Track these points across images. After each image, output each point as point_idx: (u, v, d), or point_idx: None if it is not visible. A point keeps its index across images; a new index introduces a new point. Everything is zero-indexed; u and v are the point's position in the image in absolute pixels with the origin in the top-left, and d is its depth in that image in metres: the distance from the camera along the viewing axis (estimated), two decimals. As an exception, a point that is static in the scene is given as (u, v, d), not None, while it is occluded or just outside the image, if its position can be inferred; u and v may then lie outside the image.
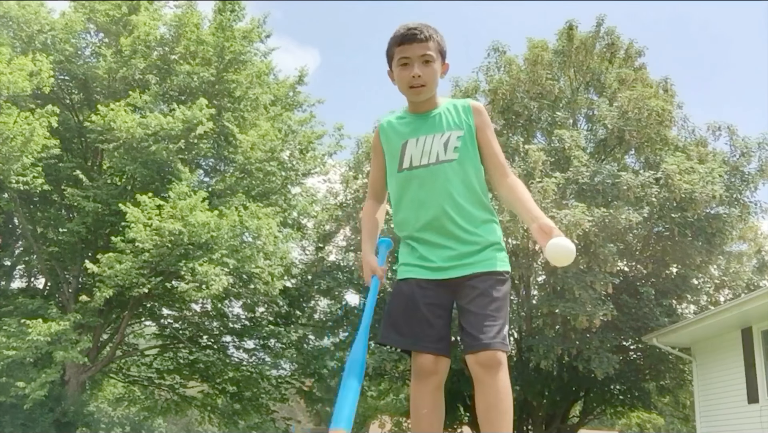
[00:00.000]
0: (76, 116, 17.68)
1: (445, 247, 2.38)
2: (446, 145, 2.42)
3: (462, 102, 2.54)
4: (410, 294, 2.38)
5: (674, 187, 14.37)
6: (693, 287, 16.23)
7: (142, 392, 21.63)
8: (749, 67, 59.53)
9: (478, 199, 2.44)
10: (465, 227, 2.37)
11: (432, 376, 2.36)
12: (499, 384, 2.26)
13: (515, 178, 2.51)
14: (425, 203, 2.40)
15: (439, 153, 2.41)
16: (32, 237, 17.36)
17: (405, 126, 2.49)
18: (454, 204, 2.38)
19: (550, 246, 2.18)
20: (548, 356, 14.64)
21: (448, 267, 2.37)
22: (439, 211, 2.38)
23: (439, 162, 2.40)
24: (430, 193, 2.39)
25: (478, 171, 2.46)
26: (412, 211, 2.44)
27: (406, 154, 2.44)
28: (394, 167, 2.48)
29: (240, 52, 16.98)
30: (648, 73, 17.65)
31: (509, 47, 17.87)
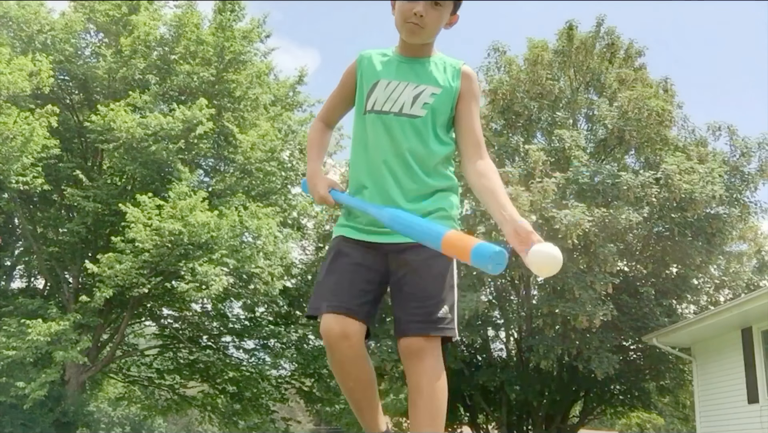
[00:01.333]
0: (76, 116, 17.68)
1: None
2: (416, 98, 2.10)
3: (454, 61, 2.19)
4: (335, 253, 2.11)
5: (674, 188, 14.38)
6: (693, 287, 16.23)
7: (142, 391, 21.64)
8: (749, 67, 59.53)
9: (435, 169, 2.12)
10: (409, 193, 2.07)
11: (342, 340, 1.98)
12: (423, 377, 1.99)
13: (490, 162, 2.19)
14: (374, 157, 2.11)
15: (405, 104, 2.09)
16: (32, 237, 17.36)
17: (384, 65, 2.17)
18: (404, 165, 2.07)
19: (534, 254, 1.84)
20: (548, 356, 14.64)
21: (376, 231, 2.07)
22: (385, 169, 2.08)
23: (401, 113, 2.09)
24: (381, 145, 2.09)
25: (444, 138, 2.15)
26: (361, 162, 2.15)
27: (372, 95, 2.13)
28: (361, 108, 2.16)
29: (240, 52, 16.98)
30: (648, 73, 17.66)
31: (509, 47, 17.90)
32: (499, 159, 16.33)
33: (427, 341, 1.99)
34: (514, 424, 18.24)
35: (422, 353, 1.99)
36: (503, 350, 18.97)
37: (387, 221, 1.99)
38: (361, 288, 2.04)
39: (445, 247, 1.84)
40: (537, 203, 13.84)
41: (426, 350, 1.99)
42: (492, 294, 17.25)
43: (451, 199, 2.15)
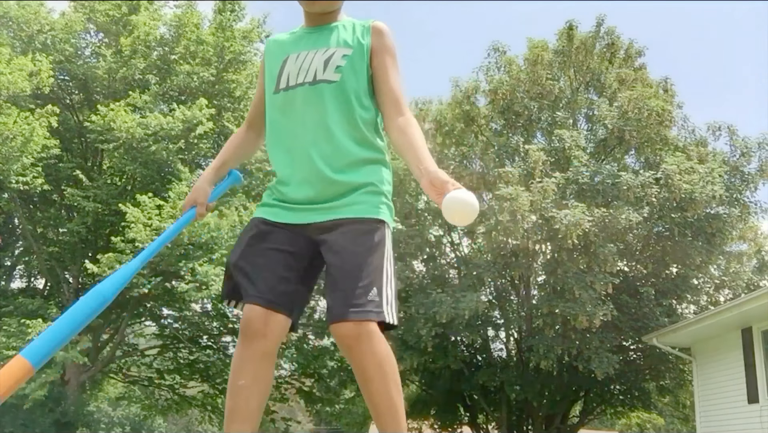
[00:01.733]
0: (76, 116, 17.69)
1: (306, 184, 1.93)
2: (327, 62, 1.96)
3: (363, 20, 2.07)
4: (254, 234, 1.96)
5: (674, 188, 14.38)
6: (693, 287, 16.23)
7: (142, 391, 21.64)
8: (749, 67, 59.54)
9: (360, 134, 1.96)
10: (334, 164, 1.92)
11: (259, 338, 1.85)
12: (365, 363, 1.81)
13: (411, 117, 2.00)
14: (293, 131, 1.96)
15: (318, 71, 1.96)
16: (32, 237, 17.36)
17: (291, 41, 2.06)
18: (326, 135, 1.93)
19: (448, 201, 1.75)
20: (548, 356, 14.64)
21: (303, 209, 1.93)
22: (306, 141, 1.93)
23: (316, 81, 1.95)
24: (300, 118, 1.95)
25: (364, 101, 1.99)
26: (279, 141, 2.01)
27: (284, 72, 1.99)
28: (272, 89, 2.02)
29: (240, 52, 17.00)
30: (648, 73, 17.67)
31: (509, 47, 17.90)
32: (499, 159, 16.35)
33: (357, 327, 1.79)
34: (514, 424, 18.24)
35: (354, 340, 1.80)
36: (503, 350, 18.98)
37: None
38: (286, 276, 1.89)
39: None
40: (537, 203, 13.84)
41: (360, 336, 1.79)
42: (492, 294, 17.26)
43: (381, 174, 1.99)
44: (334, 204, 1.91)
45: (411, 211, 17.04)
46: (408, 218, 17.18)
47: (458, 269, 17.37)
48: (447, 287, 15.49)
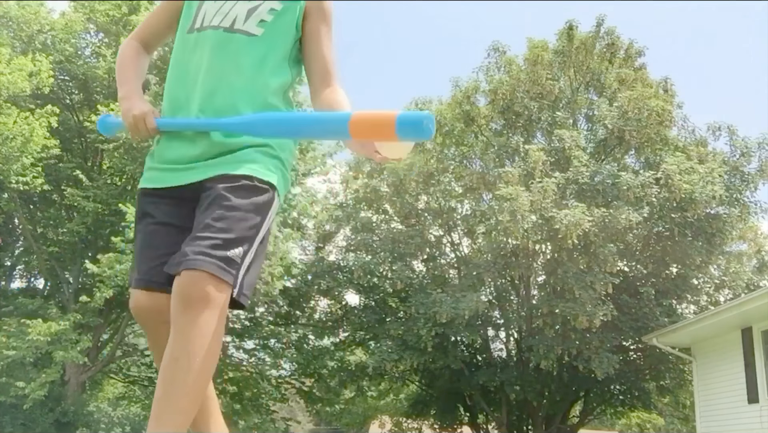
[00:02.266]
0: (76, 116, 17.70)
1: (192, 143, 1.70)
2: (250, 12, 1.76)
3: None
4: (140, 212, 1.76)
5: (674, 188, 14.38)
6: (693, 287, 16.23)
7: (142, 391, 21.64)
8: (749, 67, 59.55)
9: (263, 99, 1.73)
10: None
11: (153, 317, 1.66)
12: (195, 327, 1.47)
13: (339, 88, 1.82)
14: (192, 78, 1.74)
15: (237, 19, 1.75)
16: (32, 237, 17.37)
17: None
18: (228, 89, 1.71)
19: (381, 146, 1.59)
20: (548, 356, 14.64)
21: (183, 168, 1.69)
22: (204, 92, 1.71)
23: (232, 29, 1.75)
24: (204, 65, 1.73)
25: (281, 65, 1.79)
26: (177, 88, 1.79)
27: (200, 11, 1.79)
28: (185, 27, 1.82)
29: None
30: (648, 73, 17.66)
31: (509, 47, 17.90)
32: (499, 159, 16.36)
33: (206, 280, 1.47)
34: (514, 424, 18.24)
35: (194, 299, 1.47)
36: (503, 350, 18.98)
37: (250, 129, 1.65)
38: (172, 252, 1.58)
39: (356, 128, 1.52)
40: (537, 203, 13.84)
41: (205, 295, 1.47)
42: (492, 294, 17.26)
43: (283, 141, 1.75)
44: (216, 161, 1.66)
45: (411, 212, 17.05)
46: (408, 218, 17.19)
47: (458, 269, 17.38)
48: (447, 287, 15.50)
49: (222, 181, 1.61)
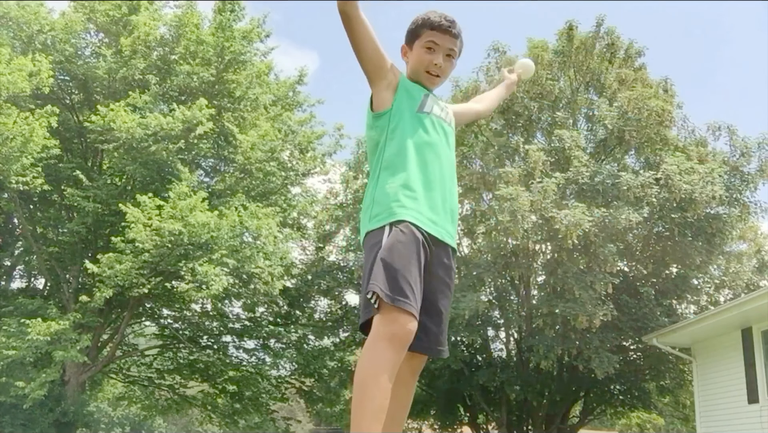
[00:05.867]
0: (76, 116, 17.68)
1: (443, 209, 2.28)
2: (449, 114, 2.47)
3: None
4: (422, 242, 2.14)
5: (674, 188, 14.37)
6: (693, 287, 16.23)
7: (142, 391, 21.64)
8: (749, 67, 59.53)
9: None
10: (455, 195, 2.38)
11: (405, 351, 2.04)
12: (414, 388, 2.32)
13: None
14: (439, 156, 2.32)
15: (449, 115, 2.45)
16: (32, 237, 17.36)
17: (421, 89, 2.44)
18: (453, 169, 2.39)
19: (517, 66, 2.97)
20: (548, 356, 14.64)
21: (444, 227, 2.27)
22: (447, 172, 2.34)
23: (449, 122, 2.43)
24: (443, 148, 2.35)
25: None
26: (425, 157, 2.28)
27: (427, 102, 2.37)
28: (412, 105, 2.35)
29: (240, 52, 16.97)
30: (648, 73, 17.65)
31: (509, 47, 17.89)
32: (499, 159, 16.35)
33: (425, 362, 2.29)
34: (514, 424, 18.24)
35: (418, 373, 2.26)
36: (503, 350, 18.98)
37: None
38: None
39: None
40: (537, 203, 13.84)
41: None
42: (492, 294, 17.25)
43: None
44: (453, 232, 2.31)
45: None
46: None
47: (458, 269, 17.37)
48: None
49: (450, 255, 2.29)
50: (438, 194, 2.24)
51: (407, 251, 2.07)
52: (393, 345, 1.96)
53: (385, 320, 1.98)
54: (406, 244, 2.08)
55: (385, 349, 1.96)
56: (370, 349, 1.96)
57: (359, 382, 1.95)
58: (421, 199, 2.19)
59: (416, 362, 2.19)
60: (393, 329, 1.96)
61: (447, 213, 2.27)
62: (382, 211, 2.17)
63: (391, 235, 2.10)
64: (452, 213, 2.30)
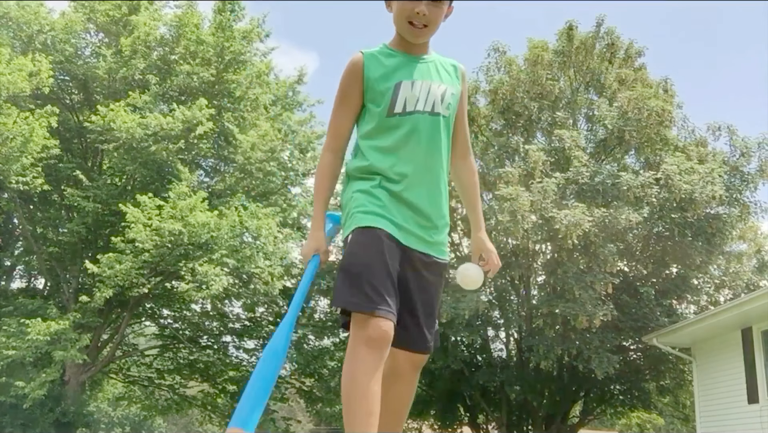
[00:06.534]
0: (76, 116, 17.68)
1: (417, 214, 2.06)
2: (442, 97, 2.11)
3: (451, 60, 2.24)
4: (387, 244, 1.98)
5: (674, 188, 14.37)
6: (693, 287, 16.22)
7: (142, 391, 21.64)
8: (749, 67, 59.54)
9: (446, 170, 2.16)
10: (442, 195, 2.11)
11: (386, 347, 1.95)
12: (415, 384, 2.24)
13: (473, 164, 2.32)
14: (413, 157, 2.06)
15: (436, 103, 2.09)
16: (32, 237, 17.36)
17: (396, 65, 2.12)
18: (441, 166, 2.10)
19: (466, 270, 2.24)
20: (548, 356, 14.64)
21: (412, 233, 2.05)
22: (426, 169, 2.06)
23: (434, 113, 2.09)
24: (421, 146, 2.06)
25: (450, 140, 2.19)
26: (393, 160, 2.06)
27: (399, 96, 2.07)
28: (382, 110, 2.08)
29: (240, 53, 16.98)
30: (648, 74, 17.66)
31: (509, 47, 17.90)
32: (499, 159, 16.35)
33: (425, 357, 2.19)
34: (514, 424, 18.23)
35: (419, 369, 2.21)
36: (503, 350, 18.97)
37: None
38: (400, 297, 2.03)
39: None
40: (537, 203, 13.83)
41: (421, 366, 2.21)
42: (492, 294, 17.25)
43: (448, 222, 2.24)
44: (434, 240, 2.10)
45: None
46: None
47: (458, 269, 17.34)
48: (447, 287, 15.49)
49: (435, 267, 2.11)
50: (411, 193, 2.05)
51: (367, 252, 1.97)
52: (371, 348, 1.91)
53: (358, 325, 1.93)
54: (366, 245, 1.98)
55: (365, 354, 1.91)
56: (350, 355, 1.93)
57: (345, 390, 1.92)
58: (386, 203, 2.04)
59: (417, 357, 2.11)
60: (367, 332, 1.91)
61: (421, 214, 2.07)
62: (347, 218, 2.08)
63: (351, 240, 2.02)
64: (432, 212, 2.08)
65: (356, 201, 2.07)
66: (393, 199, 2.04)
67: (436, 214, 2.09)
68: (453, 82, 2.17)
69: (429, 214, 2.07)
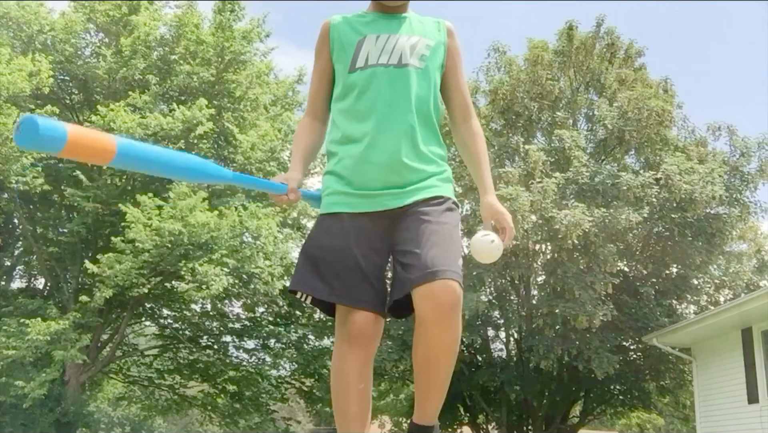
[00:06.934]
0: (76, 116, 17.68)
1: (386, 169, 1.86)
2: (413, 48, 1.92)
3: (435, 18, 2.07)
4: (340, 233, 1.86)
5: (674, 188, 14.38)
6: (693, 287, 16.23)
7: (142, 392, 21.65)
8: (749, 67, 59.54)
9: (433, 128, 1.95)
10: (417, 149, 1.89)
11: (370, 341, 1.84)
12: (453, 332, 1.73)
13: (478, 125, 2.08)
14: (375, 112, 1.88)
15: (404, 54, 1.91)
16: (32, 237, 17.36)
17: (364, 24, 1.99)
18: (411, 119, 1.88)
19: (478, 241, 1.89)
20: (548, 356, 14.64)
21: (383, 195, 1.86)
22: (393, 122, 1.87)
23: (401, 64, 1.90)
24: (385, 99, 1.88)
25: (437, 96, 1.99)
26: (356, 122, 1.91)
27: (361, 51, 1.92)
28: (345, 68, 1.94)
29: (240, 52, 16.99)
30: (648, 74, 17.67)
31: (509, 47, 17.91)
32: (499, 159, 16.35)
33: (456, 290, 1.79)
34: (514, 424, 18.23)
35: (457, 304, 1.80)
36: (503, 350, 18.97)
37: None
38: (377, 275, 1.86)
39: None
40: (537, 203, 13.84)
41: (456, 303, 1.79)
42: (492, 294, 17.25)
43: (447, 167, 2.00)
44: (413, 188, 1.87)
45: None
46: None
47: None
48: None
49: (427, 204, 1.85)
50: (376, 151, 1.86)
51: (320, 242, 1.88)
52: (350, 345, 1.83)
53: (337, 322, 1.86)
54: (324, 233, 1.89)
55: (345, 351, 1.84)
56: (334, 353, 1.89)
57: (332, 388, 1.89)
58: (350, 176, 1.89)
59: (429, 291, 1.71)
60: (346, 328, 1.84)
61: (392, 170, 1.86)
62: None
63: (315, 225, 1.94)
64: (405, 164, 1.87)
65: (323, 184, 1.97)
66: (359, 166, 1.87)
67: (411, 164, 1.87)
68: (432, 36, 1.98)
69: (399, 168, 1.86)
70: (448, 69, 2.02)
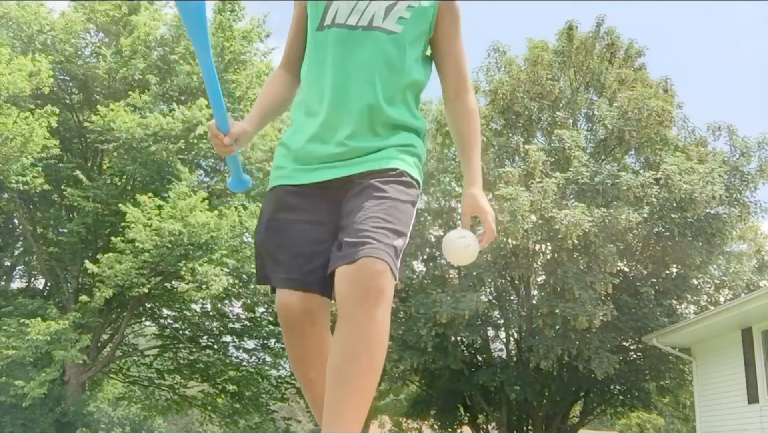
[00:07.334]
0: (76, 116, 17.69)
1: (334, 141, 1.69)
2: (388, 10, 1.72)
3: None
4: (275, 207, 1.72)
5: (674, 188, 14.38)
6: (693, 287, 16.23)
7: (142, 392, 21.66)
8: (749, 67, 59.54)
9: (403, 97, 1.74)
10: (373, 121, 1.69)
11: (307, 325, 1.64)
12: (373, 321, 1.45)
13: (474, 100, 1.85)
14: (333, 84, 1.70)
15: (376, 16, 1.71)
16: (32, 237, 17.37)
17: None
18: (370, 89, 1.68)
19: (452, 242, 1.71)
20: (548, 356, 14.64)
21: (327, 167, 1.69)
22: (349, 99, 1.68)
23: (371, 27, 1.70)
24: (343, 69, 1.69)
25: (420, 64, 1.78)
26: (316, 90, 1.74)
27: (331, 8, 1.73)
28: (314, 24, 1.76)
29: (240, 53, 17.01)
30: (648, 74, 17.67)
31: (509, 47, 17.91)
32: (499, 159, 16.35)
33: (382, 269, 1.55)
34: (514, 424, 18.23)
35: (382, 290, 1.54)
36: (503, 350, 18.97)
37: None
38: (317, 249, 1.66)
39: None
40: (537, 203, 13.84)
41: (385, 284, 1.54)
42: (492, 294, 17.25)
43: (418, 141, 1.77)
44: (364, 159, 1.68)
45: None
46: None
47: (458, 269, 17.37)
48: (447, 287, 15.49)
49: (376, 176, 1.63)
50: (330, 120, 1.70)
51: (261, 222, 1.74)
52: (286, 331, 1.68)
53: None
54: (265, 209, 1.75)
55: (285, 338, 1.69)
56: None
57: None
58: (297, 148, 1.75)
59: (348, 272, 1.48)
60: (279, 312, 1.68)
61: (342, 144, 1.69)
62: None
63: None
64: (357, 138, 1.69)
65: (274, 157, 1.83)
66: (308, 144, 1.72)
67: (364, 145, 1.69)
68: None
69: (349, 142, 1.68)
70: (439, 34, 1.79)
